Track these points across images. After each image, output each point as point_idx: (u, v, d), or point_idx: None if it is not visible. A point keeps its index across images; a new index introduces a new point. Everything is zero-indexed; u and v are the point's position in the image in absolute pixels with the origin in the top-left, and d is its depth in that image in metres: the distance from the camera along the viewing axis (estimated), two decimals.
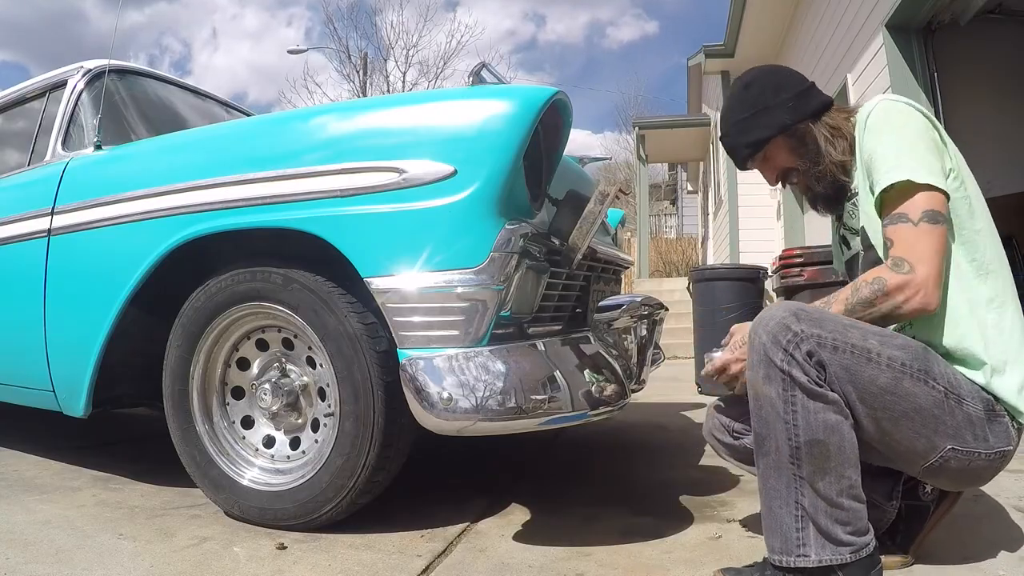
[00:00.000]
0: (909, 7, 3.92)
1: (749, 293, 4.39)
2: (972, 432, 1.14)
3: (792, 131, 1.36)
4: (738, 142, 1.41)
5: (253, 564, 1.44)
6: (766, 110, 1.36)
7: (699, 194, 14.50)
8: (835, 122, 1.36)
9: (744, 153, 1.42)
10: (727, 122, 1.43)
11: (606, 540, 1.58)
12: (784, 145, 1.37)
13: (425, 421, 1.44)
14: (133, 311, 1.81)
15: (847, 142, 1.34)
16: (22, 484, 2.09)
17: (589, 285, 1.96)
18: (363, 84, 19.67)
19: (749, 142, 1.39)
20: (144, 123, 2.35)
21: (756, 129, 1.38)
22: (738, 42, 7.67)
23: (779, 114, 1.36)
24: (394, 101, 1.80)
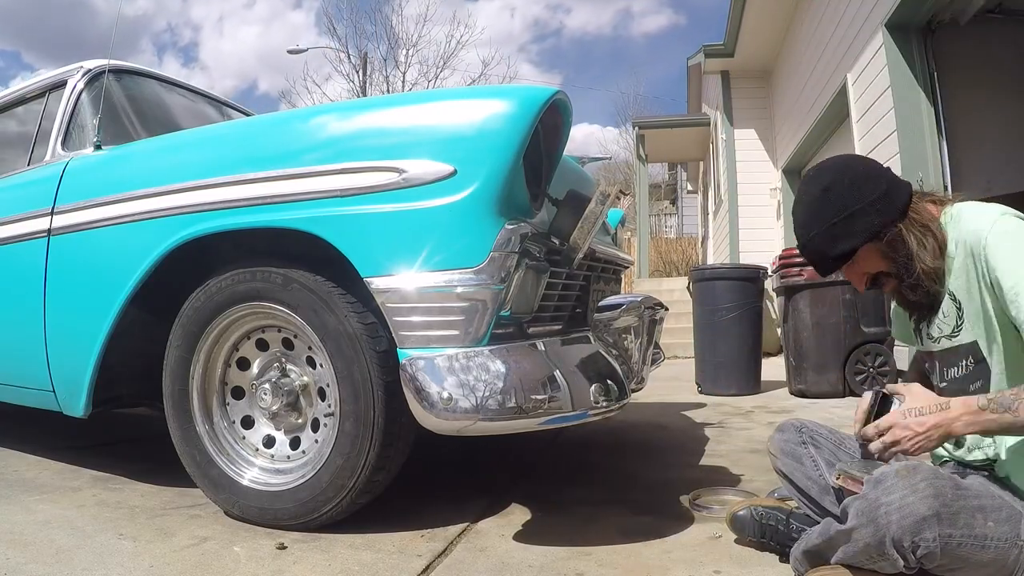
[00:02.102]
0: (909, 7, 3.92)
1: (749, 293, 4.39)
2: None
3: (883, 236, 1.24)
4: (825, 254, 1.28)
5: (253, 564, 1.44)
6: (851, 217, 1.23)
7: (699, 194, 14.50)
8: (923, 218, 1.25)
9: (831, 265, 1.30)
10: (808, 231, 1.29)
11: (606, 540, 1.58)
12: (874, 250, 1.26)
13: (425, 421, 1.44)
14: (133, 311, 1.81)
15: (937, 242, 1.23)
16: (22, 484, 2.09)
17: (589, 285, 1.96)
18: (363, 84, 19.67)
19: (837, 254, 1.27)
20: (144, 123, 2.35)
21: (843, 239, 1.25)
22: (738, 42, 7.66)
23: (866, 219, 1.23)
24: (394, 101, 1.80)
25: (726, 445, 2.69)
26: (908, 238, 1.23)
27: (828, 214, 1.25)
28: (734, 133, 8.38)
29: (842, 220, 1.24)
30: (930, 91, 4.02)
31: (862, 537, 1.09)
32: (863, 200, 1.23)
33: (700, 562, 1.44)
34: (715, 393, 4.34)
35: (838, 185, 1.26)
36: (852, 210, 1.24)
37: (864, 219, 1.23)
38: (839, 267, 1.30)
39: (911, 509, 1.05)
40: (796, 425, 1.51)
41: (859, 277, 1.31)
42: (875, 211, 1.23)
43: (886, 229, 1.23)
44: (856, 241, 1.25)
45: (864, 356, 4.07)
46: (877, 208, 1.23)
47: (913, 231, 1.23)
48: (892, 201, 1.24)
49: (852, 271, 1.31)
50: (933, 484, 1.07)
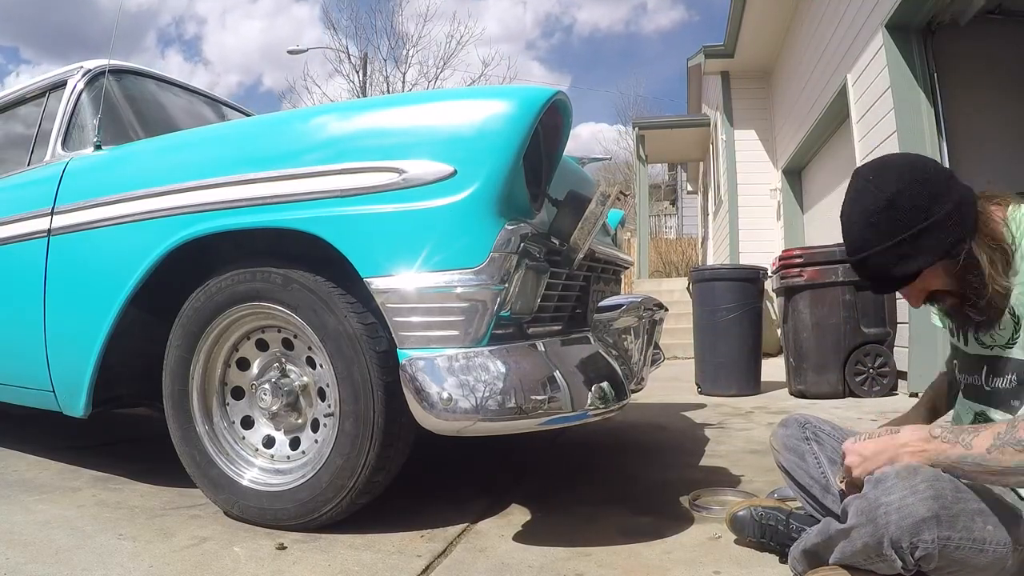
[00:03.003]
0: (909, 7, 3.92)
1: (749, 293, 4.39)
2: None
3: (956, 256, 1.11)
4: (890, 273, 1.14)
5: (253, 564, 1.44)
6: (921, 234, 1.10)
7: (699, 194, 14.50)
8: (992, 231, 1.12)
9: (893, 286, 1.18)
10: (866, 248, 1.15)
11: (606, 540, 1.58)
12: (943, 269, 1.14)
13: (425, 421, 1.44)
14: (133, 311, 1.81)
15: (1007, 257, 1.12)
16: (22, 484, 2.09)
17: (589, 285, 1.96)
18: (363, 84, 19.68)
19: (902, 274, 1.14)
20: (144, 123, 2.35)
21: (910, 259, 1.12)
22: (738, 42, 7.67)
23: (938, 236, 1.10)
24: (394, 101, 1.80)
25: (726, 446, 2.69)
26: (980, 257, 1.11)
27: (895, 230, 1.11)
28: (734, 134, 8.39)
29: (910, 237, 1.10)
30: (930, 92, 4.02)
31: (861, 537, 1.09)
32: (934, 215, 1.10)
33: (700, 562, 1.44)
34: (715, 394, 4.34)
35: (906, 197, 1.11)
36: (922, 226, 1.10)
37: (935, 236, 1.10)
38: (902, 287, 1.18)
39: (910, 510, 1.05)
40: (799, 420, 1.50)
41: (917, 294, 1.20)
42: (947, 228, 1.10)
43: (958, 247, 1.10)
44: (925, 261, 1.11)
45: (864, 357, 4.08)
46: (950, 224, 1.10)
47: (984, 248, 1.11)
48: (965, 215, 1.11)
49: (911, 288, 1.19)
50: (933, 486, 1.06)
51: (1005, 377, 1.20)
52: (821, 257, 4.07)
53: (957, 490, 1.08)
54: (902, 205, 1.11)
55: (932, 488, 1.06)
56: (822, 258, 4.06)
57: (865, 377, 4.09)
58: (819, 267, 4.05)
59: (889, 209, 1.12)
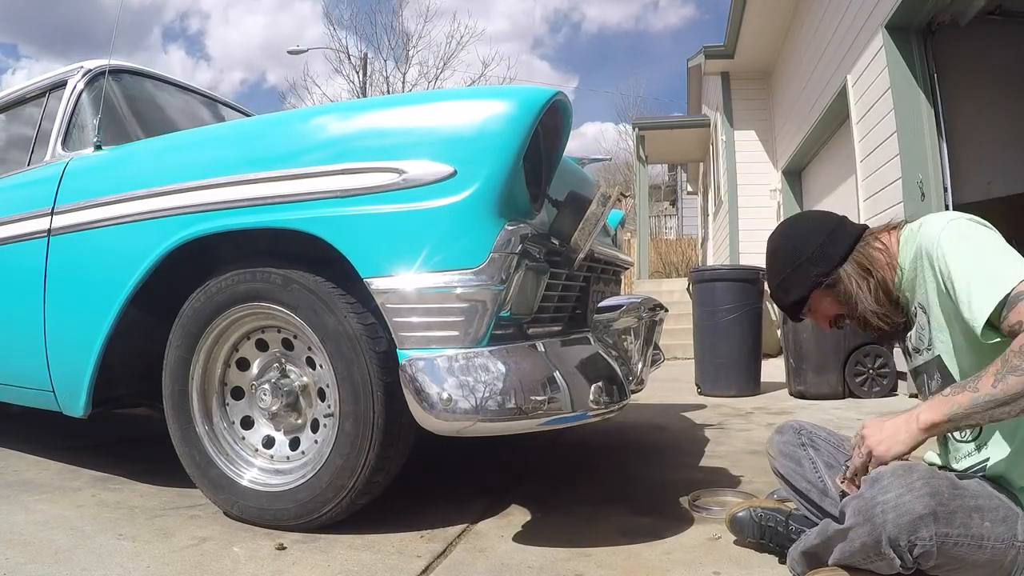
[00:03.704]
0: (909, 8, 3.93)
1: (749, 294, 4.39)
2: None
3: (824, 284, 1.33)
4: (783, 304, 1.42)
5: (252, 564, 1.44)
6: (795, 269, 1.36)
7: (699, 195, 14.50)
8: (864, 258, 1.31)
9: (791, 312, 1.43)
10: (770, 286, 1.45)
11: (605, 540, 1.58)
12: (822, 297, 1.36)
13: (425, 422, 1.44)
14: (133, 311, 1.81)
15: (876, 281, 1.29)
16: (22, 484, 2.09)
17: (589, 286, 1.96)
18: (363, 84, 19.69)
19: (791, 303, 1.40)
20: (144, 123, 2.35)
21: (792, 290, 1.38)
22: (738, 43, 7.67)
23: (808, 270, 1.35)
24: (394, 102, 1.80)
25: (726, 446, 2.69)
26: (848, 282, 1.30)
27: (778, 271, 1.40)
28: (734, 134, 8.39)
29: (789, 274, 1.37)
30: (930, 92, 4.02)
31: (859, 536, 1.09)
32: (803, 254, 1.35)
33: (699, 563, 1.44)
34: (715, 394, 4.34)
35: (784, 244, 1.40)
36: (795, 265, 1.36)
37: (806, 270, 1.34)
38: (799, 312, 1.41)
39: (907, 508, 1.05)
40: (795, 427, 1.51)
41: (822, 320, 1.41)
42: (814, 261, 1.34)
43: (825, 277, 1.32)
44: (801, 291, 1.36)
45: (864, 357, 4.08)
46: (816, 258, 1.34)
47: (853, 275, 1.30)
48: (829, 249, 1.33)
49: (814, 316, 1.42)
50: (930, 483, 1.07)
51: (934, 379, 1.26)
52: None
53: (954, 487, 1.09)
54: (780, 254, 1.40)
55: (928, 485, 1.06)
56: None
57: (865, 378, 4.09)
58: None
59: (772, 258, 1.42)
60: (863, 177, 4.83)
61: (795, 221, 1.46)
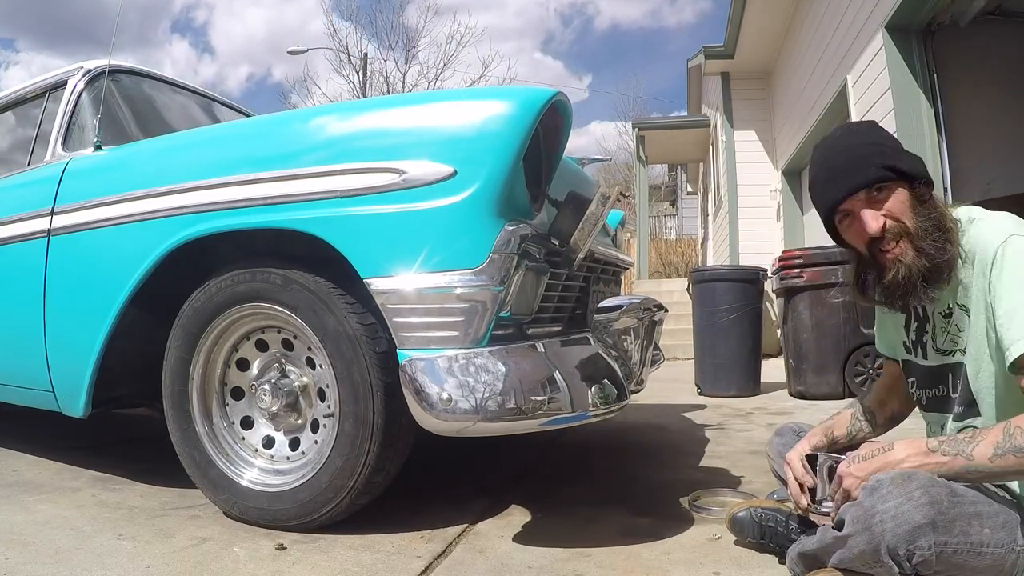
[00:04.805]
0: (909, 8, 3.93)
1: (749, 294, 4.39)
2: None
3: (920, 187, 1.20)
4: (870, 160, 1.20)
5: (252, 564, 1.44)
6: (903, 152, 1.23)
7: (699, 195, 14.50)
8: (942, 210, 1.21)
9: (873, 173, 1.19)
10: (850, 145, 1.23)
11: (605, 541, 1.58)
12: (908, 199, 1.20)
13: (425, 422, 1.44)
14: (133, 312, 1.81)
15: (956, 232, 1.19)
16: (22, 484, 2.09)
17: (589, 286, 1.96)
18: (363, 84, 19.69)
19: (885, 164, 1.19)
20: (144, 123, 2.35)
21: (896, 158, 1.20)
22: (738, 43, 7.67)
23: (917, 163, 1.22)
24: (394, 102, 1.80)
25: (726, 446, 2.69)
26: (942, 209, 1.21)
27: (881, 139, 1.24)
28: (734, 134, 8.39)
29: (894, 149, 1.23)
30: (930, 92, 4.02)
31: (857, 544, 1.09)
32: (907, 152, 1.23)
33: (699, 563, 1.44)
34: (715, 394, 4.34)
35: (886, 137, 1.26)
36: (902, 148, 1.23)
37: (912, 158, 1.21)
38: (881, 180, 1.19)
39: (906, 517, 1.05)
40: (794, 428, 1.51)
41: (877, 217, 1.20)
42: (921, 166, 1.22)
43: (928, 185, 1.21)
44: (905, 164, 1.20)
45: (864, 358, 4.07)
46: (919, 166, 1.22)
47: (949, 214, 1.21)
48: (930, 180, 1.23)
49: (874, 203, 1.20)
50: (929, 492, 1.06)
51: (947, 384, 1.24)
52: (821, 258, 4.07)
53: (953, 494, 1.08)
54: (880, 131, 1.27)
55: (928, 494, 1.06)
56: (822, 259, 4.06)
57: (865, 378, 4.08)
58: (819, 268, 4.05)
59: (871, 129, 1.28)
60: None
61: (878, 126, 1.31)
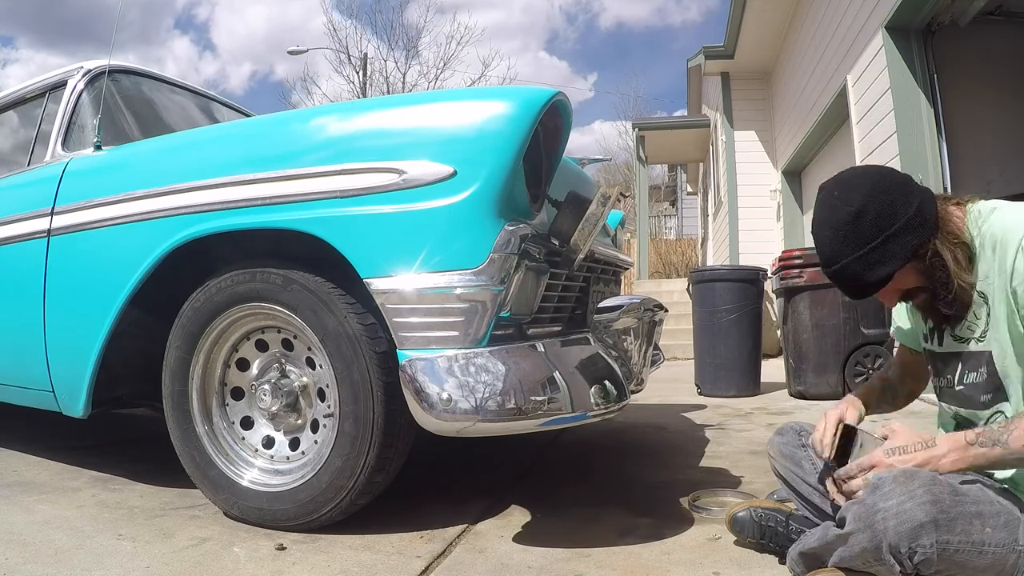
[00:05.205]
0: (909, 8, 3.93)
1: (749, 294, 4.39)
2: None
3: (921, 252, 1.18)
4: (862, 280, 1.20)
5: (252, 565, 1.44)
6: (888, 240, 1.17)
7: (699, 195, 14.50)
8: (953, 228, 1.19)
9: (868, 291, 1.23)
10: (840, 257, 1.20)
11: (605, 541, 1.58)
12: (913, 269, 1.20)
13: (424, 422, 1.44)
14: (133, 312, 1.81)
15: (968, 253, 1.18)
16: (22, 484, 2.09)
17: (589, 286, 1.96)
18: (363, 84, 19.69)
19: (875, 280, 1.19)
20: (144, 123, 2.35)
21: (881, 264, 1.17)
22: (738, 43, 7.67)
23: (904, 240, 1.16)
24: (394, 102, 1.80)
25: (726, 447, 2.69)
26: (944, 254, 1.17)
27: (863, 240, 1.17)
28: (734, 135, 8.39)
29: (879, 245, 1.17)
30: (930, 93, 4.02)
31: (859, 542, 1.09)
32: (898, 220, 1.16)
33: (699, 563, 1.44)
34: (715, 395, 4.34)
35: (872, 208, 1.17)
36: (888, 233, 1.16)
37: (901, 240, 1.16)
38: (876, 292, 1.23)
39: (908, 515, 1.05)
40: (795, 428, 1.51)
41: (892, 295, 1.25)
42: (911, 231, 1.16)
43: (924, 247, 1.17)
44: (895, 265, 1.17)
45: (864, 358, 4.07)
46: (913, 227, 1.16)
47: (947, 245, 1.18)
48: (926, 217, 1.18)
49: (886, 290, 1.23)
50: (931, 490, 1.07)
51: (978, 371, 1.22)
52: None
53: (955, 493, 1.09)
54: (868, 216, 1.17)
55: (930, 493, 1.06)
56: None
57: (865, 378, 4.08)
58: (819, 268, 4.04)
59: (857, 221, 1.18)
60: None
61: (875, 180, 1.21)
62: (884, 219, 1.16)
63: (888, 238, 1.16)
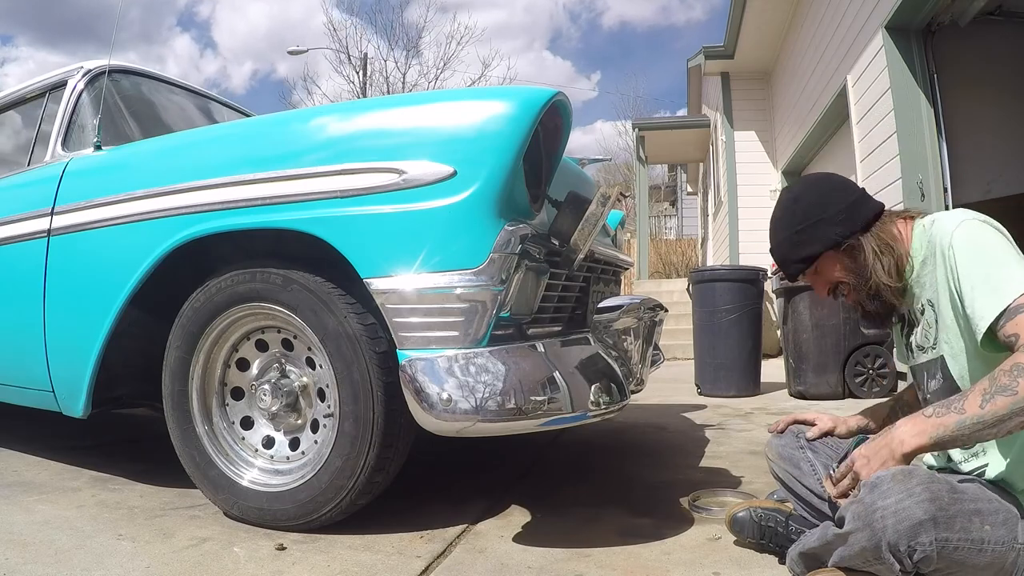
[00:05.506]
0: (909, 8, 3.93)
1: (749, 294, 4.39)
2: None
3: (842, 246, 1.31)
4: (788, 257, 1.37)
5: (252, 565, 1.44)
6: (816, 224, 1.32)
7: (699, 195, 14.50)
8: (886, 235, 1.30)
9: (794, 268, 1.38)
10: (776, 236, 1.39)
11: (605, 541, 1.58)
12: (835, 259, 1.33)
13: (424, 422, 1.44)
14: (133, 312, 1.81)
15: (895, 261, 1.28)
16: (22, 484, 2.09)
17: (589, 286, 1.96)
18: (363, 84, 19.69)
19: (800, 257, 1.35)
20: (144, 123, 2.35)
21: (806, 244, 1.33)
22: (738, 43, 7.67)
23: (829, 228, 1.31)
24: (394, 102, 1.80)
25: (726, 447, 2.69)
26: (866, 249, 1.29)
27: (795, 221, 1.34)
28: (734, 135, 8.39)
29: (808, 227, 1.32)
30: (930, 93, 4.02)
31: (858, 541, 1.09)
32: (828, 211, 1.32)
33: (699, 563, 1.44)
34: (715, 395, 4.34)
35: (808, 195, 1.36)
36: (817, 219, 1.32)
37: (826, 228, 1.31)
38: (801, 271, 1.37)
39: (907, 513, 1.05)
40: (794, 430, 1.51)
41: (821, 284, 1.39)
42: (838, 222, 1.31)
43: (846, 239, 1.30)
44: (816, 247, 1.32)
45: (864, 358, 4.08)
46: (840, 219, 1.31)
47: (872, 244, 1.29)
48: (855, 214, 1.31)
49: (815, 278, 1.38)
50: (929, 488, 1.07)
51: (936, 378, 1.26)
52: None
53: (953, 491, 1.09)
54: (804, 202, 1.35)
55: (928, 490, 1.06)
56: None
57: (865, 378, 4.09)
58: None
59: (795, 204, 1.36)
60: (863, 177, 4.83)
61: (820, 178, 1.41)
62: (815, 207, 1.33)
63: (817, 223, 1.32)
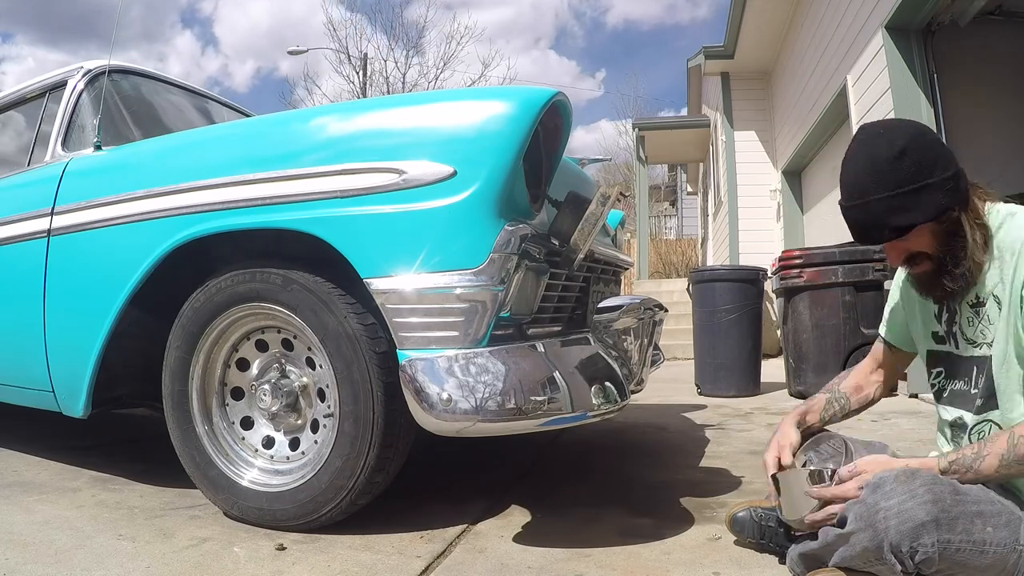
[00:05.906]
0: (909, 8, 3.93)
1: (748, 294, 4.39)
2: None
3: (946, 218, 1.16)
4: (882, 222, 1.17)
5: (252, 565, 1.44)
6: (922, 189, 1.14)
7: (699, 195, 14.50)
8: (975, 211, 1.19)
9: (886, 236, 1.19)
10: (865, 192, 1.17)
11: (605, 541, 1.58)
12: (930, 231, 1.17)
13: (424, 422, 1.44)
14: (133, 312, 1.81)
15: (983, 240, 1.18)
16: (22, 484, 2.09)
17: (589, 286, 1.96)
18: (363, 84, 19.69)
19: (896, 225, 1.16)
20: (144, 124, 2.35)
21: (906, 211, 1.15)
22: (738, 43, 7.67)
23: (935, 196, 1.14)
24: (394, 102, 1.80)
25: (726, 447, 2.69)
26: (966, 227, 1.17)
27: (898, 180, 1.14)
28: (734, 135, 8.39)
29: (912, 191, 1.14)
30: (930, 92, 4.02)
31: (860, 541, 1.09)
32: (936, 175, 1.14)
33: (699, 563, 1.44)
34: (715, 395, 4.34)
35: (915, 152, 1.15)
36: (923, 183, 1.14)
37: (934, 196, 1.14)
38: (891, 239, 1.20)
39: (910, 515, 1.05)
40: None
41: (900, 251, 1.22)
42: (946, 191, 1.15)
43: (950, 212, 1.16)
44: (919, 216, 1.15)
45: (864, 357, 4.07)
46: (948, 188, 1.15)
47: (970, 221, 1.17)
48: (961, 184, 1.17)
49: (895, 244, 1.21)
50: (932, 490, 1.07)
51: (982, 376, 1.23)
52: (821, 258, 4.07)
53: (956, 492, 1.09)
54: (910, 159, 1.14)
55: (931, 492, 1.06)
56: (822, 259, 4.06)
57: None
58: (819, 268, 4.05)
59: (898, 159, 1.15)
60: None
61: (923, 131, 1.20)
62: (924, 168, 1.14)
63: (923, 187, 1.14)
